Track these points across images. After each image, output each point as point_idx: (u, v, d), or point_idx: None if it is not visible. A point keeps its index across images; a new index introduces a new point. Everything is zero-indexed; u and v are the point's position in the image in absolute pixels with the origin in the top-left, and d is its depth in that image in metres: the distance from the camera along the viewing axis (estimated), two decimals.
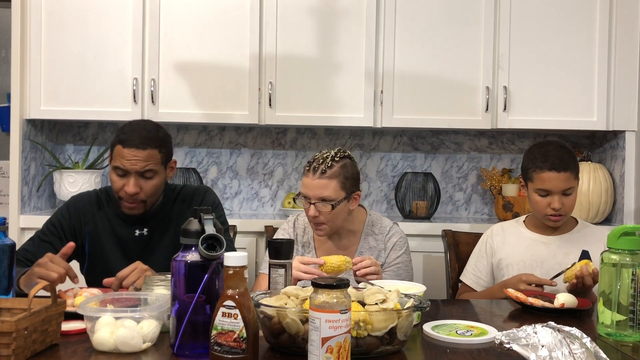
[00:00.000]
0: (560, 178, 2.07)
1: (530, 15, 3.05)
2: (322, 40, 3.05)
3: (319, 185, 2.01)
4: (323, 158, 2.05)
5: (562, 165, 2.07)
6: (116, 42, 3.02)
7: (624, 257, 1.52)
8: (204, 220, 1.33)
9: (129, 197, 1.95)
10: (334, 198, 2.02)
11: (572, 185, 2.09)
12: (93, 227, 2.05)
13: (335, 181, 2.02)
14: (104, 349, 1.31)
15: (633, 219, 3.02)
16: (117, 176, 1.96)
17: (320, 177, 2.02)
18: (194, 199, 2.13)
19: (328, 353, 1.15)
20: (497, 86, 3.05)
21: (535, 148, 2.17)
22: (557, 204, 2.07)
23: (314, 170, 2.03)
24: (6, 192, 3.22)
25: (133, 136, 1.95)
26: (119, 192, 1.97)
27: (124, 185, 1.95)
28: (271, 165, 3.43)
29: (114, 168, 1.96)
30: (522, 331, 1.25)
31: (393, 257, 2.14)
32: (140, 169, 1.94)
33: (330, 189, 2.02)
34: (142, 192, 1.96)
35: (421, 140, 3.44)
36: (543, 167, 2.08)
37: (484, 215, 3.44)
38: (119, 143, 1.95)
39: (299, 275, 1.81)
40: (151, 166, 1.95)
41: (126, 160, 1.93)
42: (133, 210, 1.99)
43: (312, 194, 2.02)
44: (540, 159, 2.10)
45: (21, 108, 2.99)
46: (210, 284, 1.31)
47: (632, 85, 3.05)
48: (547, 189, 2.08)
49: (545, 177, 2.08)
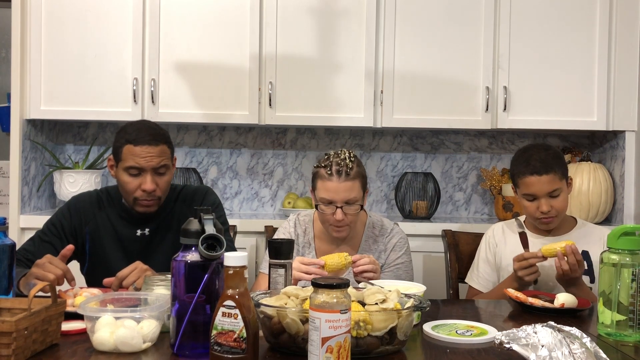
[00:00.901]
0: (543, 181, 2.06)
1: (530, 15, 3.05)
2: (322, 40, 3.05)
3: (346, 188, 1.99)
4: (341, 160, 2.01)
5: (543, 167, 2.06)
6: (116, 42, 3.02)
7: (624, 257, 1.52)
8: (204, 220, 1.33)
9: (146, 195, 1.94)
10: (358, 198, 2.02)
11: (558, 187, 2.08)
12: (94, 227, 2.05)
13: (358, 181, 2.02)
14: (104, 349, 1.31)
15: (633, 219, 3.02)
16: (131, 176, 1.94)
17: (346, 179, 1.99)
18: (194, 199, 2.12)
19: (328, 353, 1.15)
20: (497, 86, 3.05)
21: (518, 153, 2.18)
22: (545, 206, 2.07)
23: (338, 173, 1.99)
24: (6, 192, 3.22)
25: (142, 134, 1.94)
26: (134, 193, 1.95)
27: (139, 185, 1.93)
28: (271, 165, 3.43)
29: (126, 169, 1.94)
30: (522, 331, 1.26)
31: (393, 258, 2.14)
32: (156, 165, 1.93)
33: (355, 190, 2.01)
34: (158, 188, 1.96)
35: (421, 140, 3.44)
36: (525, 172, 2.09)
37: (484, 215, 3.44)
38: (128, 143, 1.93)
39: (299, 276, 1.81)
40: (165, 161, 1.96)
41: (141, 158, 1.92)
42: (149, 208, 1.98)
43: (339, 198, 1.99)
44: (523, 164, 2.10)
45: (21, 108, 2.99)
46: (210, 284, 1.31)
47: (632, 85, 3.05)
48: (532, 193, 2.08)
49: (528, 181, 2.08)
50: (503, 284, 2.09)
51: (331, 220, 2.03)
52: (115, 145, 1.99)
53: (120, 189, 2.01)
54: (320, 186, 2.03)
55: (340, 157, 2.02)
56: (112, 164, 2.02)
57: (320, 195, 2.03)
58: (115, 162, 1.99)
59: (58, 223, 2.05)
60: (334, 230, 2.07)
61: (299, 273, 1.81)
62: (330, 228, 2.08)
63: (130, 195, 1.96)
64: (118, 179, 1.99)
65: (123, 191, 1.99)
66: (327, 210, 2.02)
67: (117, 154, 1.97)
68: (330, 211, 2.01)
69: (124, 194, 2.00)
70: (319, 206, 2.04)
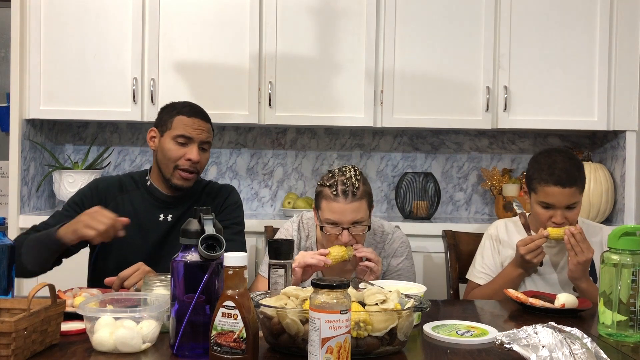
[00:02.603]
0: (565, 194, 1.98)
1: (531, 15, 3.05)
2: (322, 40, 3.04)
3: (353, 209, 1.90)
4: (347, 179, 1.92)
5: (568, 180, 1.97)
6: (116, 42, 3.01)
7: (625, 257, 1.52)
8: (203, 221, 1.33)
9: (189, 164, 2.00)
10: (365, 218, 1.94)
11: (577, 200, 2.01)
12: (114, 209, 2.00)
13: (365, 201, 1.93)
14: (104, 349, 1.31)
15: (633, 219, 3.01)
16: (178, 145, 2.00)
17: (353, 200, 1.89)
18: (219, 194, 2.17)
19: (328, 353, 1.15)
20: (498, 86, 3.05)
21: (541, 157, 2.07)
22: (560, 218, 2.00)
23: (344, 194, 1.89)
24: (6, 192, 3.22)
25: (195, 109, 2.07)
26: (177, 161, 2.01)
27: (184, 154, 2.00)
28: (271, 165, 3.43)
29: (174, 137, 2.00)
30: (523, 331, 1.25)
31: (395, 264, 2.12)
32: (204, 139, 2.03)
33: (362, 210, 1.92)
34: (199, 163, 2.03)
35: (421, 140, 3.44)
36: (548, 181, 1.99)
37: (484, 216, 3.44)
38: (180, 114, 2.03)
39: (306, 260, 1.82)
40: (209, 139, 2.07)
41: (192, 129, 2.01)
42: (187, 180, 2.03)
43: (345, 220, 1.90)
44: (547, 171, 2.00)
45: (20, 108, 2.99)
46: (210, 284, 1.31)
47: (632, 85, 3.05)
48: (551, 203, 2.00)
49: (550, 191, 1.99)
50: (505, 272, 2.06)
51: (337, 242, 1.93)
52: (162, 118, 2.07)
53: (162, 158, 2.04)
54: (325, 207, 1.93)
55: (345, 175, 1.93)
56: (154, 136, 2.08)
57: (325, 216, 1.93)
58: (161, 132, 2.05)
59: (80, 201, 2.06)
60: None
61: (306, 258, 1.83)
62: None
63: (172, 163, 2.02)
64: (162, 147, 2.03)
65: (165, 160, 2.03)
66: (333, 232, 1.93)
67: (165, 124, 2.04)
68: (336, 232, 1.92)
69: (165, 163, 2.03)
70: (324, 228, 1.94)
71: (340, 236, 1.91)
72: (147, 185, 2.10)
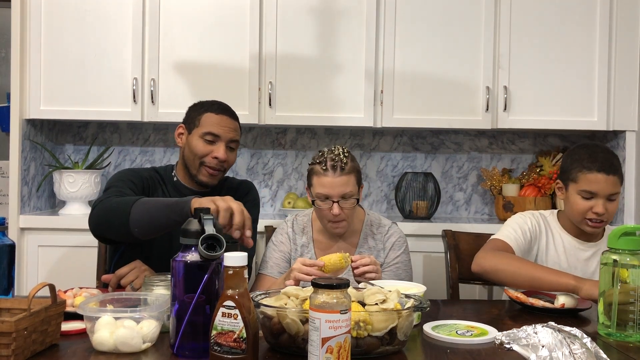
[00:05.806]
0: (609, 181, 1.95)
1: (530, 15, 3.05)
2: (322, 40, 3.05)
3: (342, 183, 2.02)
4: (335, 155, 2.04)
5: (611, 168, 1.95)
6: (116, 42, 3.02)
7: (624, 257, 1.52)
8: (203, 221, 1.33)
9: (215, 162, 2.00)
10: (354, 192, 2.05)
11: (618, 191, 1.98)
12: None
13: (353, 176, 2.05)
14: (104, 349, 1.31)
15: (633, 219, 3.02)
16: (205, 142, 2.01)
17: (341, 174, 2.02)
18: (239, 189, 2.18)
19: (328, 353, 1.15)
20: (497, 86, 3.05)
21: (580, 149, 2.04)
22: (601, 208, 1.95)
23: (333, 168, 2.02)
24: (6, 192, 3.22)
25: (224, 107, 2.07)
26: (203, 158, 2.01)
27: (211, 152, 2.00)
28: (271, 165, 3.43)
29: (202, 135, 2.01)
30: (523, 331, 1.25)
31: (392, 257, 2.15)
32: (231, 138, 2.04)
33: (350, 184, 2.04)
34: (227, 162, 2.04)
35: (421, 140, 3.44)
36: (592, 168, 1.96)
37: (484, 215, 3.44)
38: (209, 112, 2.03)
39: (300, 277, 1.81)
40: (237, 138, 2.07)
41: (220, 127, 2.02)
42: (213, 178, 2.04)
43: (335, 193, 2.02)
44: (588, 159, 1.97)
45: (21, 108, 2.99)
46: (210, 284, 1.31)
47: (632, 85, 3.05)
48: (594, 191, 1.95)
49: (593, 178, 1.95)
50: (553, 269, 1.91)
51: (328, 215, 2.05)
52: (191, 115, 2.08)
53: (189, 155, 2.04)
54: (316, 182, 2.05)
55: (334, 152, 2.05)
56: (182, 132, 2.09)
57: (317, 190, 2.05)
58: (189, 130, 2.06)
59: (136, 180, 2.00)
60: (332, 227, 2.09)
61: (301, 274, 1.81)
62: (328, 225, 2.10)
63: (198, 159, 2.02)
64: (189, 144, 2.04)
65: (192, 156, 2.03)
66: (324, 206, 2.05)
67: (193, 122, 2.05)
68: (327, 206, 2.04)
69: (191, 159, 2.03)
70: (315, 202, 2.06)
71: (331, 209, 2.02)
72: (174, 181, 2.11)
